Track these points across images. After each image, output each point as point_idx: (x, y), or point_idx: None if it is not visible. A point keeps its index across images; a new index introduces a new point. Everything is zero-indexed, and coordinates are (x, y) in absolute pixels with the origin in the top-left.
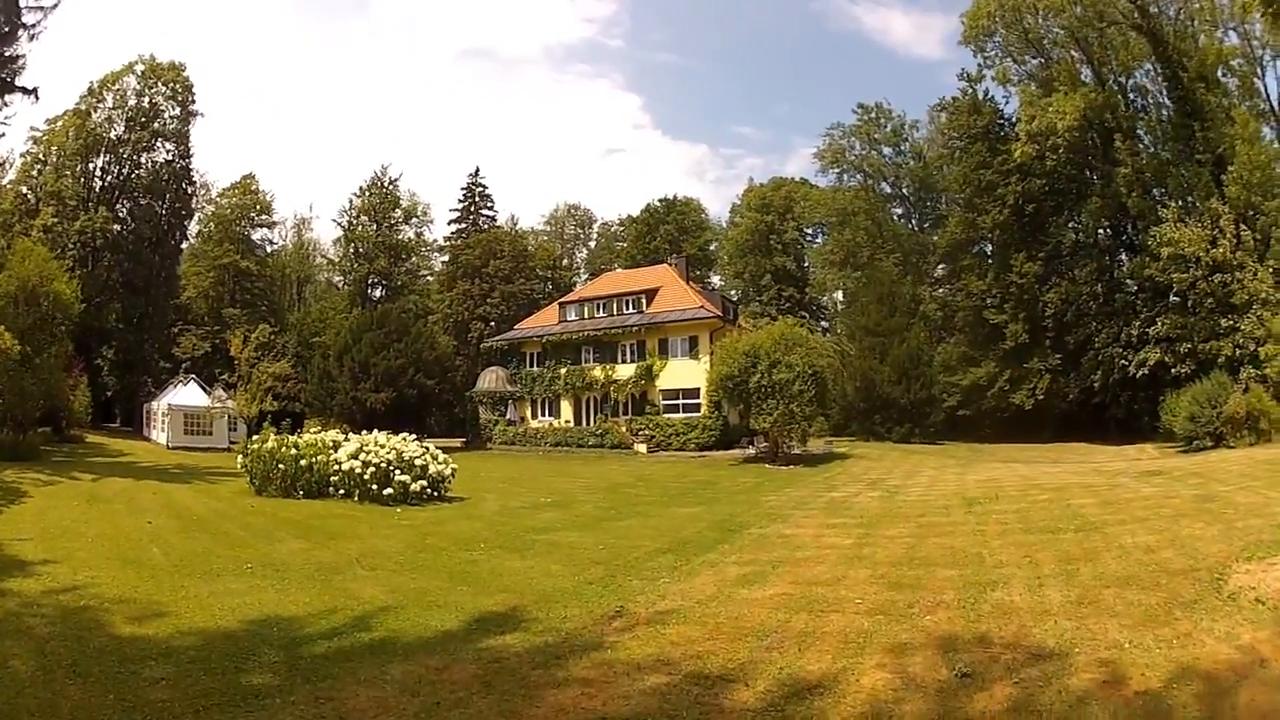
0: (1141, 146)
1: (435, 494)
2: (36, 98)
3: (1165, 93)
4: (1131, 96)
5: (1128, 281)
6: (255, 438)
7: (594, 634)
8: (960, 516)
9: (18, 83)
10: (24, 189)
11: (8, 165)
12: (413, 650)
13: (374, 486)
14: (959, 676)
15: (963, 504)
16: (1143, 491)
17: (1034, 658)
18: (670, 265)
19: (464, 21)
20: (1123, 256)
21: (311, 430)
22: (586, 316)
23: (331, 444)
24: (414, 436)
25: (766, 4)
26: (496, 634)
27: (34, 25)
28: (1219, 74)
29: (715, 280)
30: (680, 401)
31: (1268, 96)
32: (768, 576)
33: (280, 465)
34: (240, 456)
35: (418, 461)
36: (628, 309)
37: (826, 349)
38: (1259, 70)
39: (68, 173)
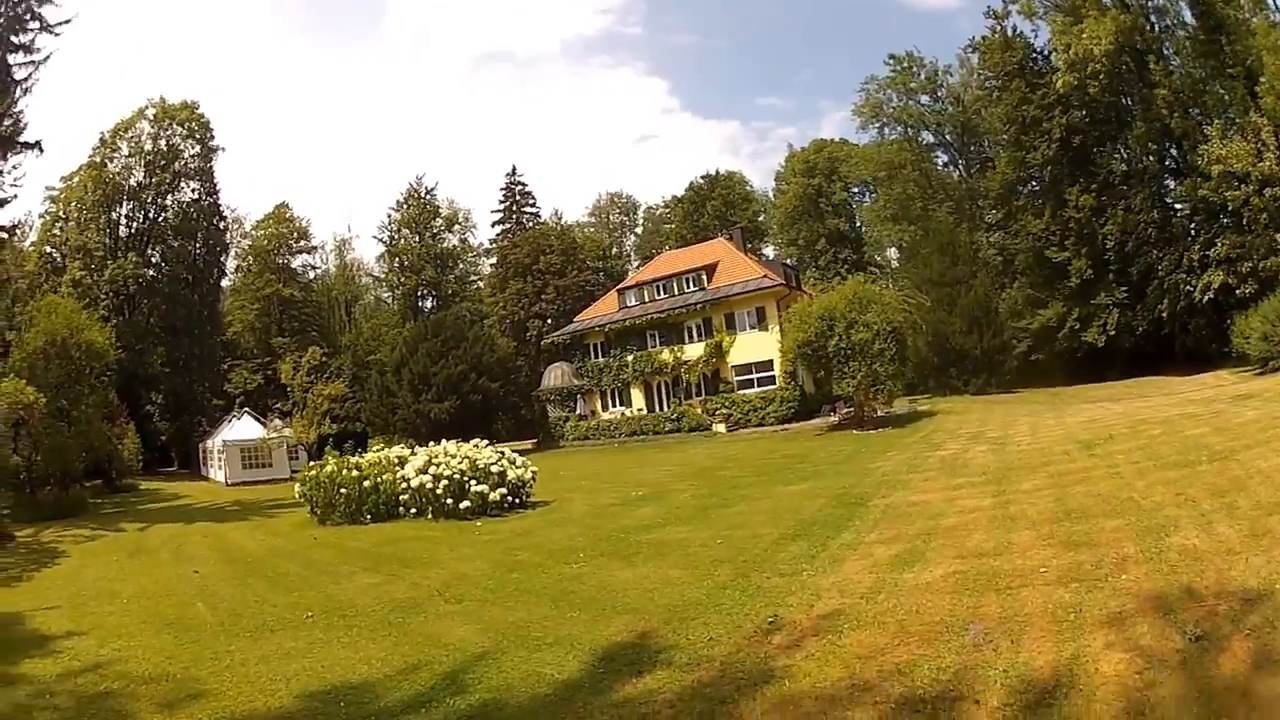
0: (1174, 66)
1: (517, 501)
2: (41, 150)
3: (1188, 7)
4: (1154, 19)
5: (1179, 205)
6: (315, 463)
7: (755, 658)
8: (1086, 461)
9: (20, 139)
10: (47, 248)
11: (28, 226)
12: (528, 716)
13: (449, 501)
14: (1193, 641)
15: (1080, 448)
16: (1246, 415)
17: (1247, 603)
18: (725, 239)
19: (477, 27)
20: (1169, 182)
21: (375, 448)
22: (647, 300)
23: (397, 460)
24: (485, 442)
25: None
26: (633, 676)
27: (26, 79)
28: None
29: (768, 251)
30: (754, 376)
31: (1275, 8)
32: (924, 554)
33: (342, 490)
34: (297, 485)
35: (494, 468)
36: (689, 287)
37: (899, 304)
38: None
39: (91, 225)
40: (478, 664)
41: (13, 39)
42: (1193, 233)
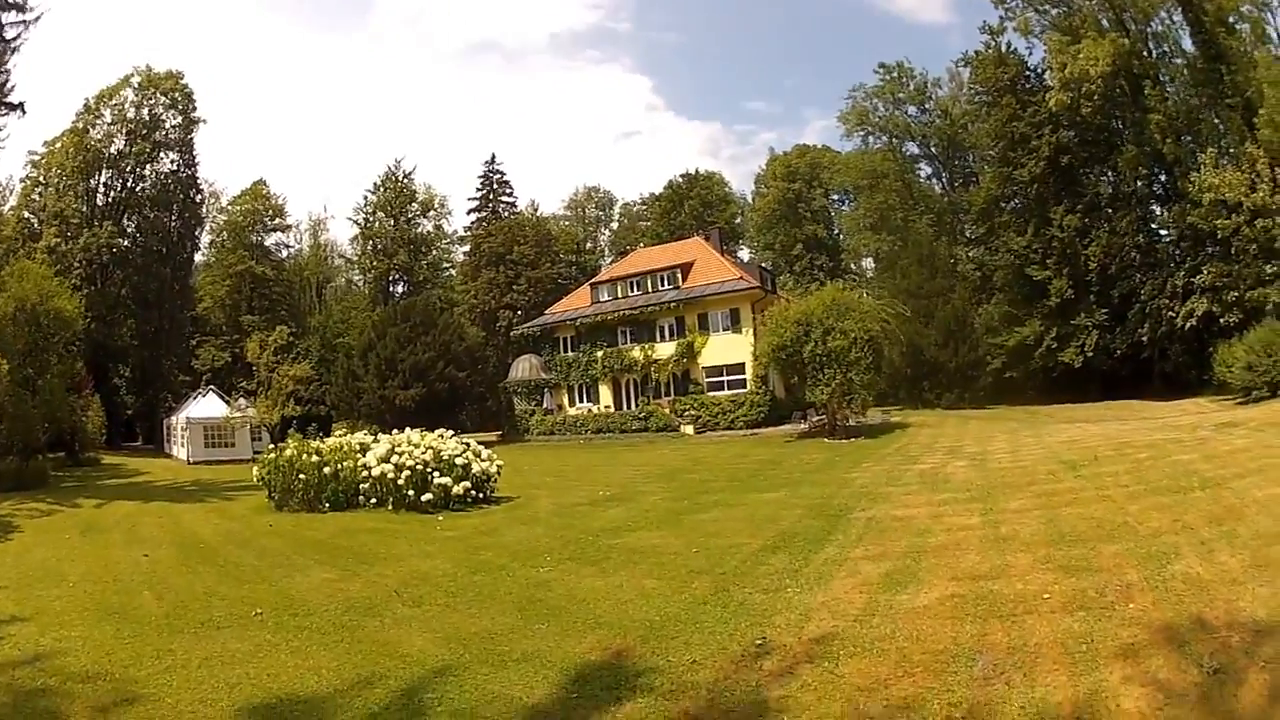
0: (1169, 93)
1: (481, 496)
2: (23, 112)
3: (1189, 36)
4: (1151, 45)
5: (1165, 231)
6: (276, 445)
7: (745, 686)
8: (1072, 482)
9: (6, 100)
10: (26, 213)
11: (8, 191)
12: None
13: (410, 492)
14: (1210, 674)
15: (1065, 468)
16: (1235, 444)
17: (1259, 634)
18: (702, 238)
19: (468, 15)
20: (1155, 208)
21: (339, 433)
22: (620, 296)
23: (359, 447)
24: (450, 433)
25: None
26: (610, 702)
27: (15, 39)
28: (1230, 20)
29: (744, 253)
30: (725, 378)
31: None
32: (917, 574)
33: (301, 475)
34: (256, 468)
35: (459, 460)
36: (663, 285)
37: (878, 313)
38: (1269, 15)
39: (69, 192)
40: (438, 680)
41: None
42: (1178, 259)
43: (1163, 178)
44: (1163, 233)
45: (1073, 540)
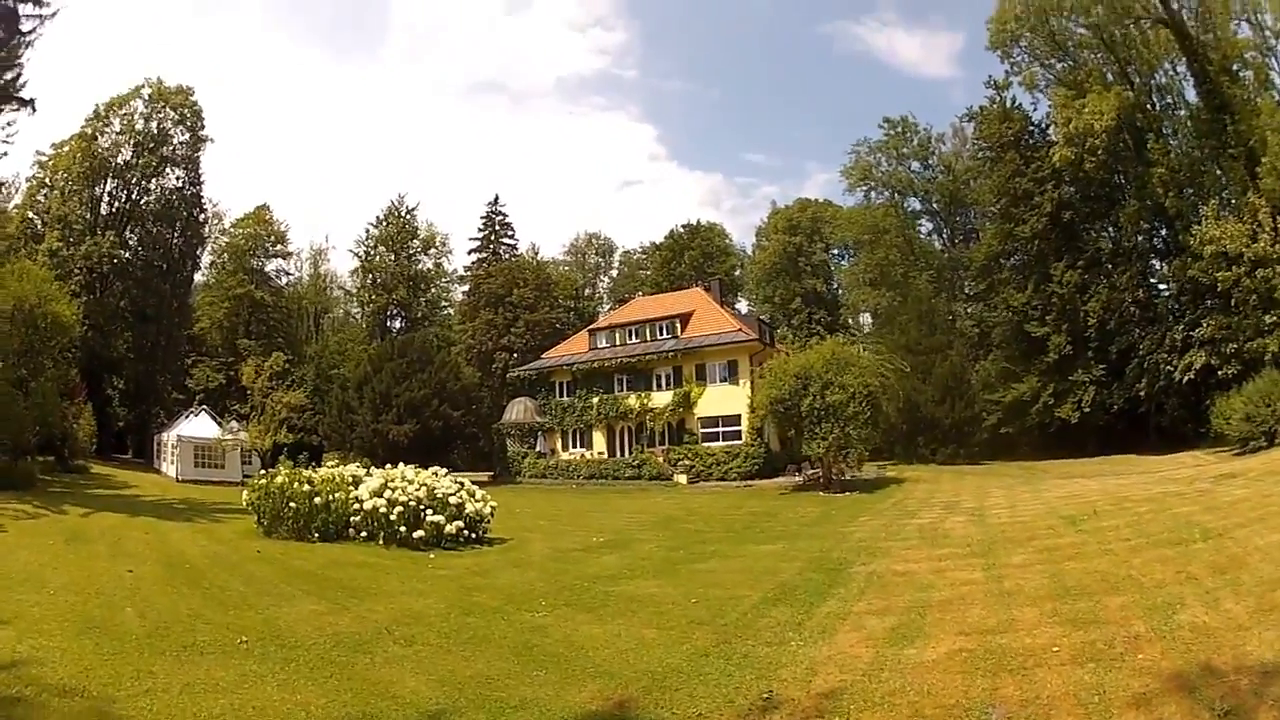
0: (1171, 145)
1: (473, 536)
2: (34, 109)
3: (1194, 87)
4: (1155, 97)
5: (1164, 285)
6: (267, 471)
7: None
8: (1074, 536)
9: (18, 95)
10: (30, 214)
11: (14, 188)
12: None
13: (402, 528)
14: (1222, 717)
15: (1065, 523)
16: (1236, 494)
17: (1267, 676)
18: (703, 289)
19: (475, 56)
20: (1155, 262)
21: (330, 464)
22: (618, 343)
23: (351, 479)
24: (445, 471)
25: (774, 28)
26: None
27: (30, 32)
28: (1234, 67)
29: (742, 305)
30: (720, 429)
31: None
32: (922, 628)
33: (292, 503)
34: (246, 492)
35: (452, 499)
36: (662, 334)
37: (876, 368)
38: (1274, 61)
39: (74, 197)
40: None
41: None
42: (1177, 313)
43: (1164, 231)
44: (1162, 287)
45: (1078, 594)
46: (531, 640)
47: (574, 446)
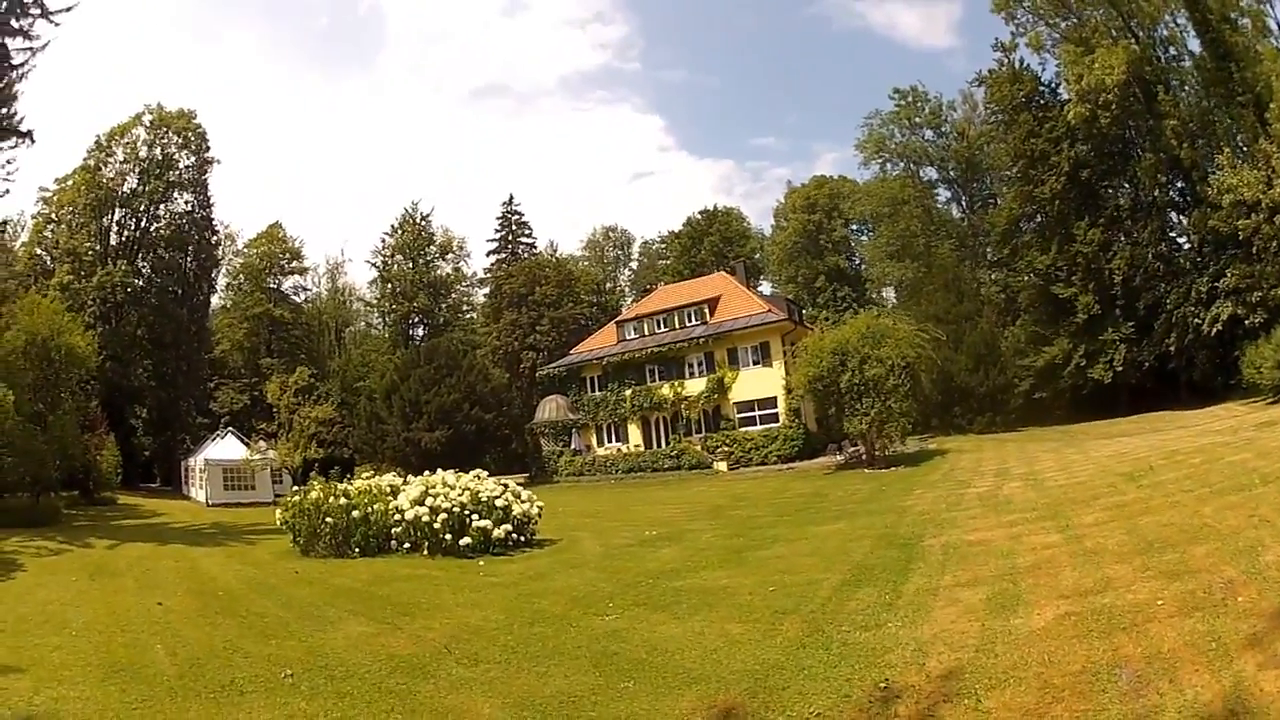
0: (1181, 96)
1: (521, 539)
2: (32, 141)
3: (1196, 37)
4: (1160, 50)
5: (1183, 238)
6: (300, 488)
7: None
8: (1137, 492)
9: (15, 128)
10: (38, 250)
11: (19, 226)
12: None
13: (447, 536)
14: None
15: (1123, 480)
16: None
17: None
18: (728, 273)
19: (477, 60)
20: (1174, 215)
21: (363, 476)
22: (647, 333)
23: (389, 489)
24: (485, 474)
25: (772, 10)
26: None
27: (22, 65)
28: (1232, 15)
29: (765, 287)
30: (756, 413)
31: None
32: (1020, 596)
33: (329, 519)
34: (279, 511)
35: (498, 502)
36: (690, 321)
37: (912, 338)
38: (1269, 8)
39: (82, 230)
40: None
41: (12, 23)
42: (1200, 264)
43: (1180, 184)
44: (1182, 240)
45: (1161, 546)
46: (609, 647)
47: (609, 441)
